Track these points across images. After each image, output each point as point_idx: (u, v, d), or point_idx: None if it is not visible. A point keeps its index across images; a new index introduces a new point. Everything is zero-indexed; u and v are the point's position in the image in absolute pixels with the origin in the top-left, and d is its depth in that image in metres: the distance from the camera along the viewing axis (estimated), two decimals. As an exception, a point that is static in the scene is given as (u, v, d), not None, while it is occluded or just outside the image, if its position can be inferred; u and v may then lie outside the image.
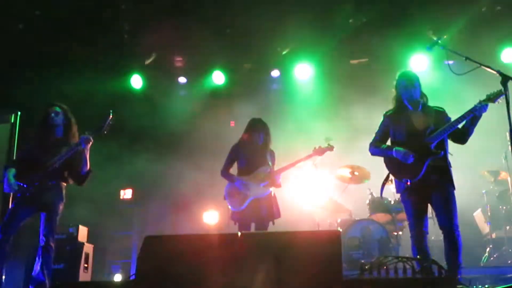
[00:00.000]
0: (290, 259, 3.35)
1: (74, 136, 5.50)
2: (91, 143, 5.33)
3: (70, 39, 8.23)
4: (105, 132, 5.43)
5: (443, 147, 4.71)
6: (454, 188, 4.75)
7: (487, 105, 4.50)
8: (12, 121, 7.07)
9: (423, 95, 4.92)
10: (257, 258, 3.39)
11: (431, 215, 5.04)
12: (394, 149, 4.76)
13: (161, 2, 7.98)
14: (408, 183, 4.66)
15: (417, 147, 4.65)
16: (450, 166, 4.77)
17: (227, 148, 6.37)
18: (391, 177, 4.92)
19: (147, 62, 8.99)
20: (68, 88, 8.27)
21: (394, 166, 4.80)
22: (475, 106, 4.52)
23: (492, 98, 4.50)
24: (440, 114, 4.86)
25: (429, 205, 4.81)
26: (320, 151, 6.24)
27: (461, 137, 4.78)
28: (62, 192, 5.45)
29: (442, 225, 4.68)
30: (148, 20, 8.22)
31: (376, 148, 5.01)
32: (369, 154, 5.14)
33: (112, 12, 7.94)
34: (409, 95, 4.85)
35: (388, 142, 4.98)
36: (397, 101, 4.96)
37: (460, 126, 4.66)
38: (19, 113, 7.11)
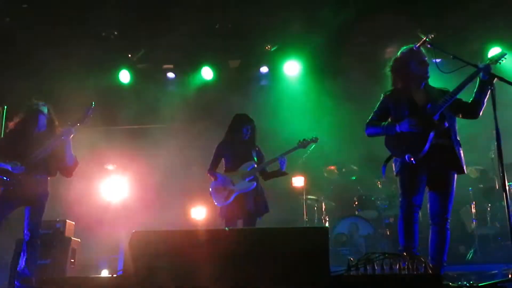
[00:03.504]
0: (277, 255, 3.37)
1: (56, 131, 5.47)
2: (73, 134, 5.32)
3: (57, 33, 8.18)
4: (86, 122, 5.41)
5: (446, 121, 4.43)
6: (460, 171, 4.49)
7: (489, 66, 4.27)
8: (-2, 114, 6.99)
9: None
10: (244, 254, 3.41)
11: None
12: (396, 124, 4.47)
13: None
14: (412, 159, 4.32)
15: (420, 122, 4.40)
16: (459, 145, 4.52)
17: (216, 143, 6.36)
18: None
19: (135, 57, 8.95)
20: (55, 83, 8.23)
21: (396, 144, 4.51)
22: (477, 68, 4.31)
23: (495, 59, 4.32)
24: (444, 93, 4.54)
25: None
26: (304, 144, 6.20)
27: (472, 109, 4.51)
28: (47, 186, 5.44)
29: (433, 215, 4.48)
30: (137, 15, 8.18)
31: (374, 126, 4.69)
32: (358, 151, 5.06)
33: (100, 7, 7.87)
34: (423, 71, 4.58)
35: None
36: (400, 78, 4.69)
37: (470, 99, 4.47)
38: (5, 107, 7.05)
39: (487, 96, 4.43)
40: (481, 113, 4.55)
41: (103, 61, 8.76)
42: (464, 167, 4.53)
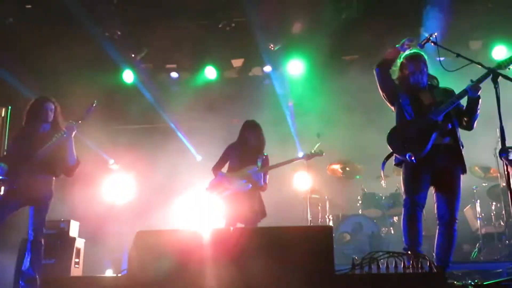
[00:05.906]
0: (282, 254, 3.37)
1: (59, 130, 5.46)
2: (74, 131, 5.32)
3: (61, 34, 8.18)
4: (88, 120, 5.41)
5: (451, 122, 4.48)
6: (464, 172, 4.51)
7: (477, 86, 4.33)
8: (3, 115, 7.02)
9: (431, 77, 4.74)
10: (249, 253, 3.40)
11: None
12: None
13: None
14: (412, 158, 4.33)
15: (424, 122, 4.44)
16: (462, 146, 4.55)
17: (220, 142, 6.39)
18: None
19: (139, 57, 8.94)
20: (58, 83, 8.24)
21: (398, 142, 4.51)
22: (467, 86, 4.38)
23: (505, 64, 4.26)
24: (448, 92, 4.61)
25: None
26: (308, 156, 6.41)
27: (465, 120, 4.58)
28: (51, 186, 5.41)
29: (440, 216, 4.48)
30: (140, 15, 8.18)
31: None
32: (361, 149, 5.02)
33: (104, 7, 7.88)
34: (416, 81, 4.64)
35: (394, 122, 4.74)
36: (403, 80, 4.73)
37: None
38: (9, 107, 7.06)
39: (478, 110, 4.49)
40: (474, 126, 4.62)
41: (107, 61, 8.75)
42: (465, 167, 4.54)
